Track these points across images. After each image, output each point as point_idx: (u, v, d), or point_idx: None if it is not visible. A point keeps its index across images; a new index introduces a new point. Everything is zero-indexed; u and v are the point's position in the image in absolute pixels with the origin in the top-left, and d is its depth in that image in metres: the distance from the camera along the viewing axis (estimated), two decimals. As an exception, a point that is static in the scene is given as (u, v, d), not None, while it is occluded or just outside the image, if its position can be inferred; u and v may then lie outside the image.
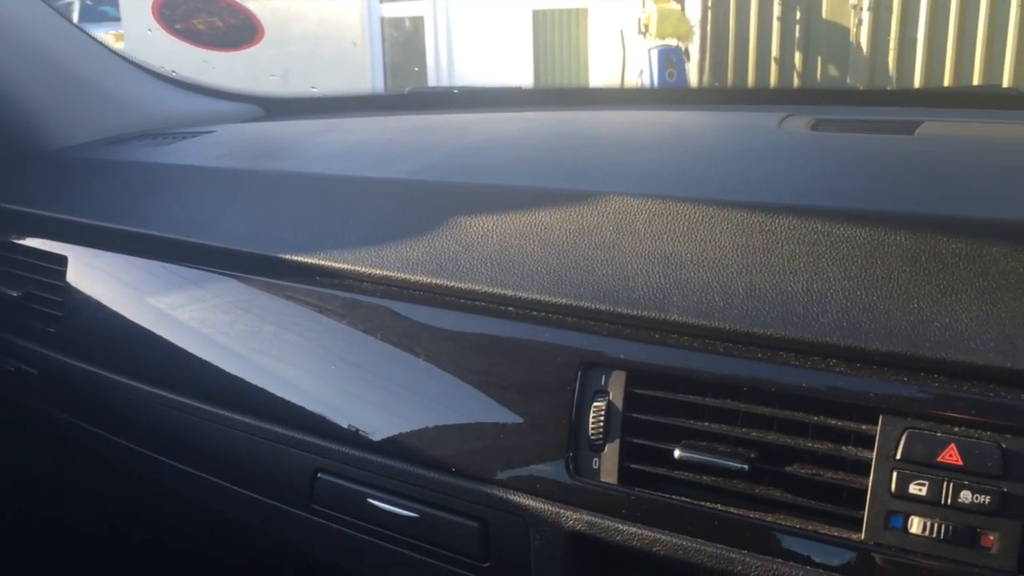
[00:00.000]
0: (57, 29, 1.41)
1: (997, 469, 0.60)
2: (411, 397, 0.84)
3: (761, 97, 1.49)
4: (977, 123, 1.10)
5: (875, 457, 0.64)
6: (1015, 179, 0.79)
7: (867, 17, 6.24)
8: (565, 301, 0.78)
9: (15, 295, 1.23)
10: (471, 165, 1.01)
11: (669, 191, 0.81)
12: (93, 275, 1.15)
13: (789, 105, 1.27)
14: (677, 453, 0.70)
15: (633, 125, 1.21)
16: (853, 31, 6.32)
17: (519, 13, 7.58)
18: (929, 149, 0.93)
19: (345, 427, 0.88)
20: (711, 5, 6.80)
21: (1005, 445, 0.60)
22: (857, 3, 6.30)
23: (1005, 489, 0.60)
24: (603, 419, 0.73)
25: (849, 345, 0.66)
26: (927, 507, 0.62)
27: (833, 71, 6.47)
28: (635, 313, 0.74)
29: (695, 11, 6.91)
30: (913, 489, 0.62)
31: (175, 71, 1.59)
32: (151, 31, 5.77)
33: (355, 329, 0.89)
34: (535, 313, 0.80)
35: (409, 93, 1.69)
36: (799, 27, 6.53)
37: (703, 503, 0.70)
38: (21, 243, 1.26)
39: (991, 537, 0.60)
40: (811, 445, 0.67)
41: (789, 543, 0.67)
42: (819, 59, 6.51)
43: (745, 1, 6.58)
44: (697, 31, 6.90)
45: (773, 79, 6.55)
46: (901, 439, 0.63)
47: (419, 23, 7.98)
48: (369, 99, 1.94)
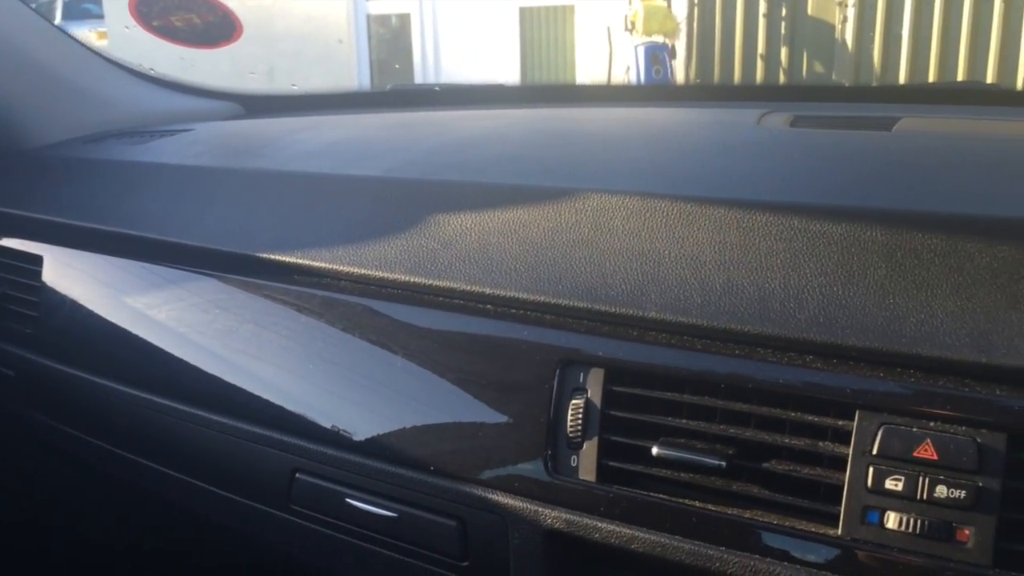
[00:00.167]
0: (33, 27, 1.39)
1: (972, 464, 0.60)
2: (389, 396, 0.84)
3: (743, 94, 1.49)
4: (957, 119, 1.10)
5: (852, 453, 0.64)
6: (990, 175, 0.79)
7: (852, 14, 6.28)
8: (543, 299, 0.78)
9: (-9, 295, 1.21)
10: (451, 162, 1.00)
11: (648, 188, 0.81)
12: (70, 275, 1.14)
13: (771, 102, 1.27)
14: (655, 450, 0.70)
15: (614, 122, 1.21)
16: (838, 28, 6.36)
17: (506, 10, 7.58)
18: (906, 145, 0.93)
19: (323, 427, 0.87)
20: (697, 2, 6.82)
21: (980, 440, 0.60)
22: (842, 0, 6.33)
23: (980, 484, 0.60)
24: (581, 417, 0.73)
25: (826, 341, 0.66)
26: (903, 502, 0.62)
27: (819, 67, 6.50)
28: (613, 310, 0.74)
29: (681, 8, 6.93)
30: (889, 484, 0.62)
31: (155, 69, 1.57)
32: (128, 28, 5.73)
33: (333, 328, 0.89)
34: (513, 311, 0.80)
35: (391, 90, 1.68)
36: (785, 24, 6.56)
37: (681, 500, 0.70)
38: (-4, 243, 1.25)
39: (967, 531, 0.60)
40: (788, 441, 0.67)
41: (767, 539, 0.67)
42: (805, 55, 6.54)
43: (731, -2, 6.62)
44: (683, 28, 6.93)
45: (759, 75, 6.58)
46: (877, 435, 0.63)
47: (406, 20, 7.97)
48: (350, 96, 1.93)
